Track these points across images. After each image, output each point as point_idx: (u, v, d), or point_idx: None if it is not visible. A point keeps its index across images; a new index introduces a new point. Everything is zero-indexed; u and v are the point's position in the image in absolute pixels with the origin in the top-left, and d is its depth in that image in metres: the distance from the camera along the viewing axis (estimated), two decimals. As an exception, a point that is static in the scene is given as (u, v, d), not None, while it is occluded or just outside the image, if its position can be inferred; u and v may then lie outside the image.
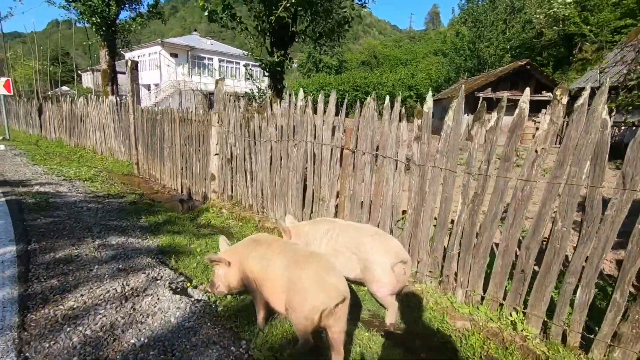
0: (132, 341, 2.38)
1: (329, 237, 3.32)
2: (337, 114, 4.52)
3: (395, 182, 3.82)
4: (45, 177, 7.51)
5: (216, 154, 6.67)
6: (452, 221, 3.48)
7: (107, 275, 3.27)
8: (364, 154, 4.12)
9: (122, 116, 10.05)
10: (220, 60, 39.59)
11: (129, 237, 4.60)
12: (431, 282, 3.70)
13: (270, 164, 5.48)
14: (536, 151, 2.79)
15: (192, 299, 3.09)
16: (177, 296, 3.03)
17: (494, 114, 2.97)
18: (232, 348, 2.49)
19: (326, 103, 4.53)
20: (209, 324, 2.71)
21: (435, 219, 3.63)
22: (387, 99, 3.76)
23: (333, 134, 4.51)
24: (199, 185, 7.33)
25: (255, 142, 5.71)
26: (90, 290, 2.95)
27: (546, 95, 21.37)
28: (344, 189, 4.41)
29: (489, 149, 3.05)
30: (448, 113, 3.27)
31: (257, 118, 5.57)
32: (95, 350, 2.26)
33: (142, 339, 2.41)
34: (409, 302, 3.64)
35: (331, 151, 4.51)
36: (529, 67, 21.62)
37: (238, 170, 6.15)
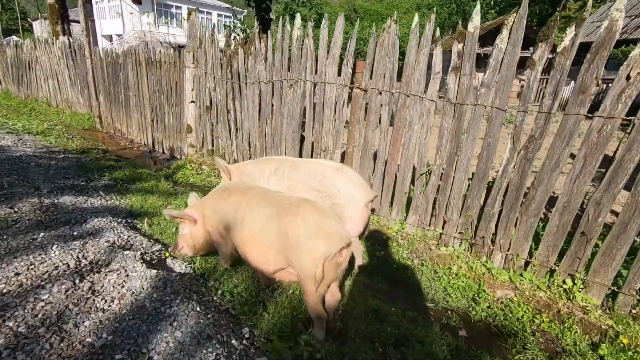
0: (88, 340, 1.67)
1: (279, 175, 2.89)
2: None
3: (422, 126, 3.11)
4: (-16, 130, 6.31)
5: (192, 102, 5.69)
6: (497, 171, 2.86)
7: (56, 246, 2.48)
8: (380, 93, 3.35)
9: (77, 61, 8.63)
10: (189, 9, 36.03)
11: (89, 197, 3.75)
12: (460, 244, 3.14)
13: (259, 110, 4.61)
14: (627, 78, 2.12)
15: (173, 273, 2.37)
16: (153, 271, 2.30)
17: (571, 30, 2.25)
18: (232, 341, 1.83)
19: (331, 31, 3.66)
20: (198, 308, 2.02)
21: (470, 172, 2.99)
22: (416, 17, 2.95)
23: (340, 70, 3.69)
24: (173, 138, 6.38)
25: (239, 85, 4.79)
26: (30, 267, 2.17)
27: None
28: (353, 137, 3.68)
29: (558, 77, 2.36)
30: (502, 32, 2.52)
31: (241, 55, 4.61)
32: (32, 358, 1.54)
33: (105, 336, 1.70)
34: (434, 267, 3.09)
35: (337, 91, 3.71)
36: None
37: (219, 120, 5.25)
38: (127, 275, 2.23)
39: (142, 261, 2.42)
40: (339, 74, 3.72)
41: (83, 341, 1.65)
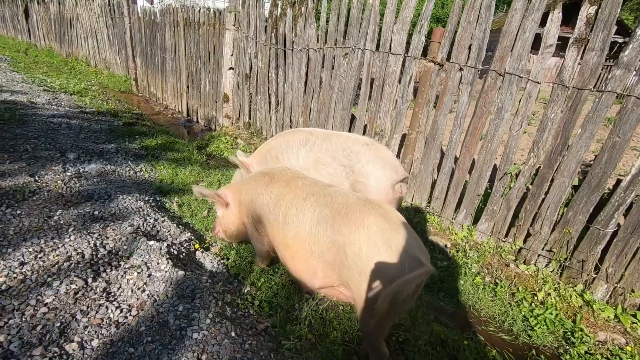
0: (93, 373, 1.28)
1: (309, 146, 2.61)
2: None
3: (517, 114, 2.46)
4: (21, 86, 6.15)
5: (230, 68, 5.21)
6: (617, 181, 2.21)
7: (72, 228, 2.12)
8: (462, 68, 2.71)
9: (116, 19, 8.31)
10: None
11: (117, 168, 3.41)
12: (547, 265, 2.54)
13: (306, 82, 4.06)
14: None
15: (204, 277, 1.96)
16: (180, 272, 1.90)
17: None
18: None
19: (403, -12, 2.99)
20: (233, 333, 1.59)
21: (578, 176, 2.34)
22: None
23: (409, 40, 3.05)
24: (208, 107, 5.97)
25: (284, 52, 4.23)
26: (39, 256, 1.82)
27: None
28: (418, 121, 3.07)
29: None
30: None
31: (289, 16, 4.02)
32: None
33: (115, 367, 1.31)
34: (511, 289, 2.53)
35: (403, 64, 3.09)
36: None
37: (259, 91, 4.75)
38: (150, 276, 1.84)
39: (168, 256, 2.02)
40: (407, 43, 3.08)
41: (87, 374, 1.27)
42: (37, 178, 2.70)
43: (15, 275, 1.65)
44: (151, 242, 2.12)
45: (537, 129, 2.39)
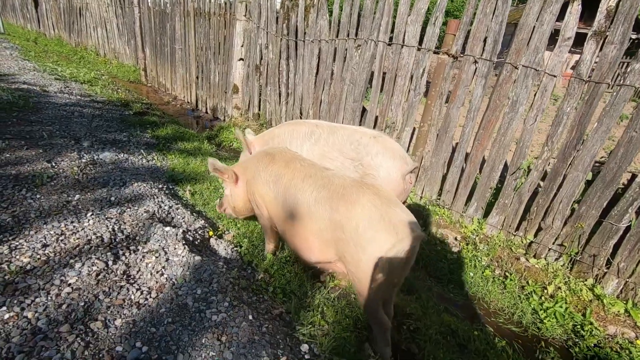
0: (118, 349, 1.32)
1: (315, 138, 2.61)
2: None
3: (532, 108, 2.46)
4: (33, 74, 6.20)
5: (241, 59, 5.21)
6: (632, 176, 2.20)
7: (90, 213, 2.17)
8: (476, 61, 2.70)
9: (125, 9, 8.32)
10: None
11: (130, 156, 3.45)
12: (557, 259, 2.55)
13: (317, 73, 4.06)
14: None
15: (220, 263, 1.99)
16: (197, 257, 1.94)
17: None
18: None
19: (418, -20, 2.97)
20: (250, 316, 1.63)
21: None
22: (549, -38, 2.22)
23: (422, 32, 3.03)
24: (217, 98, 5.99)
25: (296, 43, 4.23)
26: (60, 239, 1.86)
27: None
28: (430, 113, 3.07)
29: None
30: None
31: (302, 7, 4.00)
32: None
33: (138, 345, 1.35)
34: (521, 282, 2.55)
35: (417, 56, 3.08)
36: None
37: (269, 82, 4.75)
38: (167, 260, 1.88)
39: (184, 242, 2.06)
40: (421, 36, 3.07)
41: (112, 350, 1.31)
42: (54, 164, 2.74)
43: (39, 256, 1.70)
44: (167, 228, 2.16)
45: (552, 123, 2.38)
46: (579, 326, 2.22)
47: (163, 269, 1.80)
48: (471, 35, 2.69)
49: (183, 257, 1.92)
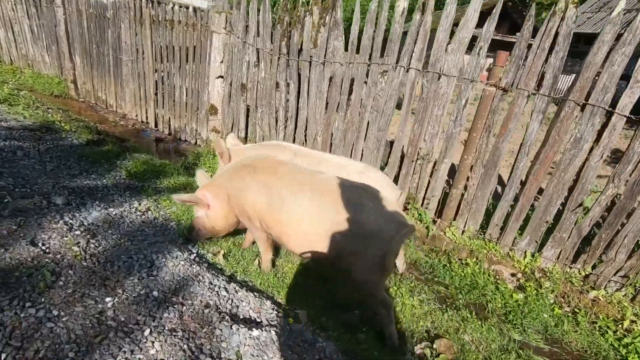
0: None
1: None
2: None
3: (600, 146, 2.46)
4: None
5: (220, 77, 4.59)
6: None
7: (144, 325, 1.56)
8: (532, 94, 2.63)
9: (42, 8, 6.86)
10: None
11: (121, 211, 2.73)
12: (618, 290, 2.62)
13: (327, 98, 3.70)
14: None
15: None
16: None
17: None
18: None
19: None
20: None
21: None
22: (622, 1, 2.22)
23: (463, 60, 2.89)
24: (185, 119, 5.23)
25: (298, 63, 3.80)
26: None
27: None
28: (475, 147, 2.95)
29: None
30: None
31: (308, 24, 3.60)
32: None
33: None
34: (590, 318, 2.56)
35: (459, 87, 2.93)
36: (510, 3, 20.50)
37: (261, 104, 4.24)
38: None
39: (289, 351, 1.59)
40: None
41: None
42: (42, 246, 1.98)
43: None
44: (255, 332, 1.66)
45: (620, 161, 2.41)
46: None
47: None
48: (526, 69, 2.61)
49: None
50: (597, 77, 2.36)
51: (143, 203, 3.07)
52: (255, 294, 2.10)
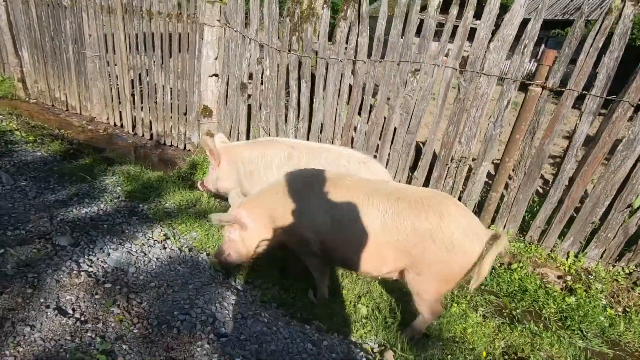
0: None
1: (293, 164, 2.50)
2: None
3: (655, 147, 2.45)
4: None
5: (214, 75, 4.12)
6: None
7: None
8: (581, 97, 2.56)
9: (-28, -8, 5.78)
10: None
11: (141, 247, 2.31)
12: (661, 284, 2.69)
13: (349, 98, 3.43)
14: None
15: None
16: None
17: None
18: None
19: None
20: None
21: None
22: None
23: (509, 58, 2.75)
24: (170, 121, 4.69)
25: (310, 61, 3.47)
26: None
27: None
28: (517, 148, 2.86)
29: None
30: None
31: (325, 17, 3.26)
32: None
33: None
34: (627, 314, 2.60)
35: (501, 87, 2.79)
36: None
37: (267, 105, 3.86)
38: None
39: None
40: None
41: None
42: (74, 313, 1.56)
43: None
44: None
45: (673, 162, 2.42)
46: None
47: None
48: (577, 69, 2.52)
49: None
50: (653, 78, 2.32)
51: (157, 231, 2.65)
52: (336, 335, 1.84)
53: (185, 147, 4.71)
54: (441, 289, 1.90)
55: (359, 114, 3.41)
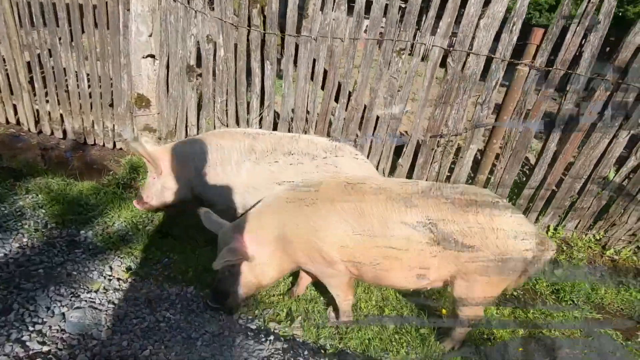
0: None
1: (256, 157, 2.20)
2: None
3: (630, 123, 2.59)
4: None
5: (149, 56, 3.36)
6: None
7: None
8: (567, 74, 2.59)
9: None
10: None
11: (117, 296, 1.73)
12: (625, 246, 2.98)
13: (324, 81, 3.05)
14: None
15: None
16: None
17: None
18: None
19: (491, -25, 2.51)
20: None
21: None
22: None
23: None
24: (93, 115, 3.77)
25: (282, 39, 2.99)
26: None
27: None
28: (503, 129, 2.83)
29: None
30: None
31: (292, -13, 2.78)
32: None
33: None
34: (602, 277, 2.86)
35: (490, 67, 2.70)
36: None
37: (222, 91, 3.29)
38: None
39: None
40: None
41: None
42: None
43: None
44: None
45: (643, 135, 2.61)
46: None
47: None
48: (563, 48, 2.53)
49: None
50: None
51: (115, 265, 2.05)
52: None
53: (115, 146, 3.86)
54: (492, 293, 1.79)
55: (336, 100, 3.07)
